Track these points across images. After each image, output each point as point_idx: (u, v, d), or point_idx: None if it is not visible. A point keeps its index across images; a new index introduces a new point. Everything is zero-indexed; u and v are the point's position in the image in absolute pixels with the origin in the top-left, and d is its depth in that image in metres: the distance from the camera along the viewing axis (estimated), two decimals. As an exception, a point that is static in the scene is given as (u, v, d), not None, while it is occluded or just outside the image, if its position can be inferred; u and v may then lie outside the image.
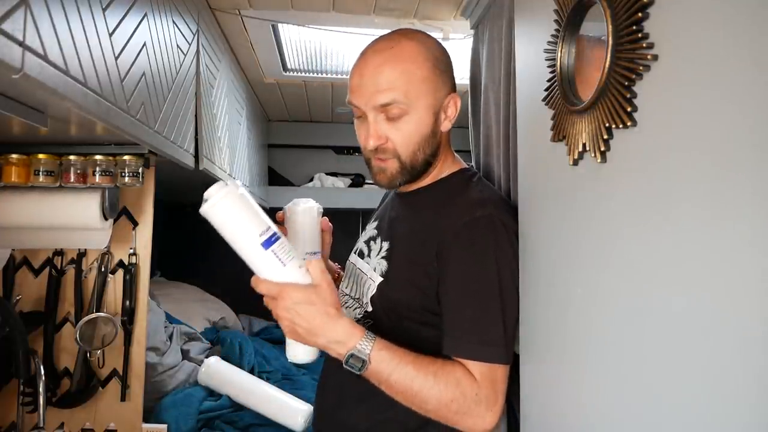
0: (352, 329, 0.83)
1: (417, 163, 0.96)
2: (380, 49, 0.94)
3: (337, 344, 0.83)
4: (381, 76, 0.91)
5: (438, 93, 0.95)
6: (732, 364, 0.45)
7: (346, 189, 2.93)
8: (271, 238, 0.80)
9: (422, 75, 0.93)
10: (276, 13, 1.55)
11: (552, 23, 0.78)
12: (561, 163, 0.75)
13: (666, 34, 0.54)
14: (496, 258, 0.88)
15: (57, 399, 1.30)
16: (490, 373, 0.85)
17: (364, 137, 0.95)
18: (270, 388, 1.87)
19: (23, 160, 1.10)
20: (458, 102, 0.99)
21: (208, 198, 0.79)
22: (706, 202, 0.48)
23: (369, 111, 0.93)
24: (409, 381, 0.82)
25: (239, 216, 0.79)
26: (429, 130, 0.95)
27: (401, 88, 0.91)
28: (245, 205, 0.80)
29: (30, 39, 0.59)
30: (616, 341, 0.62)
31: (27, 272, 1.32)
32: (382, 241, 1.02)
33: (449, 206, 0.95)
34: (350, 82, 0.97)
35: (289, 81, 2.20)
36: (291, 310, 0.82)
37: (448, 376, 0.83)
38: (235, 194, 0.79)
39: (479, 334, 0.86)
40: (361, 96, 0.93)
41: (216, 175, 1.59)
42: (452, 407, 0.83)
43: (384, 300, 0.95)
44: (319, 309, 0.81)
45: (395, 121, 0.92)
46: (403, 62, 0.92)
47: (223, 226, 0.80)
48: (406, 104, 0.91)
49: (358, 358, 0.81)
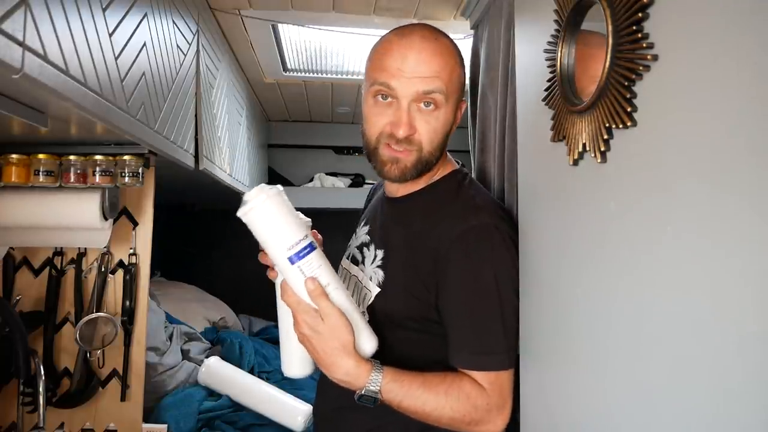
0: (358, 369, 0.82)
1: (432, 160, 0.94)
2: (427, 37, 0.91)
3: (346, 383, 0.83)
4: (429, 64, 0.89)
5: (461, 94, 0.97)
6: (732, 364, 0.45)
7: (346, 189, 2.93)
8: (301, 252, 0.79)
9: (458, 73, 0.95)
10: (276, 13, 1.55)
11: (552, 23, 0.78)
12: (561, 163, 0.75)
13: (666, 34, 0.54)
14: (493, 265, 0.88)
15: (57, 399, 1.30)
16: (498, 381, 0.86)
17: (390, 122, 0.90)
18: (270, 388, 1.87)
19: (23, 160, 1.10)
20: (464, 107, 1.00)
21: (246, 201, 0.79)
22: (705, 202, 0.48)
23: (405, 97, 0.89)
24: (420, 404, 0.84)
25: (272, 225, 0.79)
26: (449, 129, 0.96)
27: (444, 81, 0.90)
28: (280, 214, 0.79)
29: (30, 39, 0.59)
30: (616, 342, 0.62)
31: (27, 272, 1.32)
32: (376, 249, 1.00)
33: (442, 213, 0.94)
34: (384, 62, 0.90)
35: (289, 81, 2.20)
36: (303, 334, 0.83)
37: (459, 392, 0.85)
38: (271, 202, 0.78)
39: (482, 345, 0.87)
40: (401, 79, 0.88)
41: (216, 175, 1.59)
42: (466, 420, 0.85)
43: (382, 310, 0.95)
44: (326, 342, 0.81)
45: (427, 113, 0.90)
46: (449, 56, 0.92)
47: (257, 233, 0.80)
48: (444, 98, 0.90)
49: (369, 397, 0.82)
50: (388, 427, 0.92)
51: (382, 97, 0.91)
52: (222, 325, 2.56)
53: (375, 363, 0.84)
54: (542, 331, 0.82)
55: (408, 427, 0.89)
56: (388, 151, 0.92)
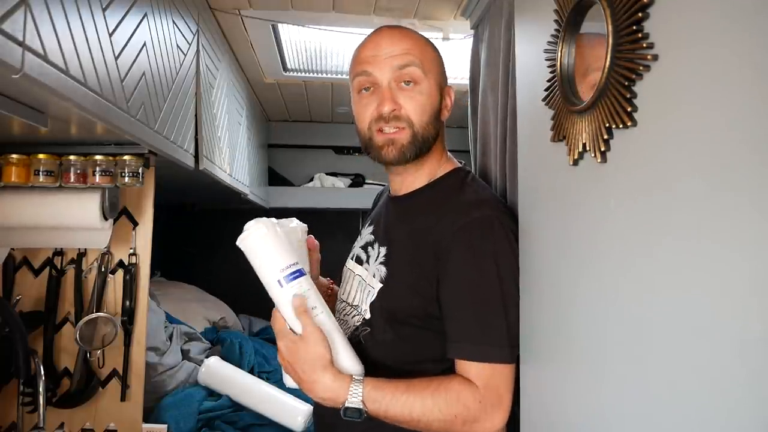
0: (336, 383, 0.84)
1: (427, 137, 0.97)
2: (394, 27, 1.00)
3: (330, 400, 0.85)
4: (399, 44, 0.96)
5: (442, 78, 1.01)
6: (732, 365, 0.45)
7: (346, 189, 2.93)
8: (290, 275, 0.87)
9: (432, 55, 1.00)
10: (276, 13, 1.55)
11: (552, 23, 0.78)
12: (561, 163, 0.75)
13: (666, 34, 0.54)
14: (495, 258, 0.88)
15: (57, 399, 1.30)
16: (493, 375, 0.85)
17: (377, 104, 0.95)
18: (270, 388, 1.87)
19: (23, 160, 1.10)
20: (452, 94, 1.03)
21: (245, 231, 0.89)
22: (706, 202, 0.48)
23: (384, 76, 0.95)
24: (407, 411, 0.83)
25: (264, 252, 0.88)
26: (437, 106, 0.99)
27: (418, 56, 0.96)
28: (272, 242, 0.88)
29: (30, 39, 0.60)
30: (616, 341, 0.62)
31: (27, 272, 1.32)
32: (379, 246, 1.01)
33: (445, 208, 0.94)
34: (362, 55, 0.98)
35: (289, 81, 2.20)
36: (285, 360, 0.87)
37: (447, 393, 0.84)
38: (265, 235, 0.87)
39: (481, 336, 0.86)
40: (377, 62, 0.95)
41: (216, 175, 1.59)
42: (458, 421, 0.83)
43: (384, 306, 0.95)
44: (305, 361, 0.84)
45: (409, 90, 0.95)
46: (419, 39, 1.00)
47: (252, 260, 0.88)
48: (421, 72, 0.95)
49: (353, 410, 0.83)
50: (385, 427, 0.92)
51: (365, 89, 0.98)
52: (222, 325, 2.56)
53: (355, 376, 0.85)
54: (542, 330, 0.82)
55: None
56: (381, 136, 0.96)
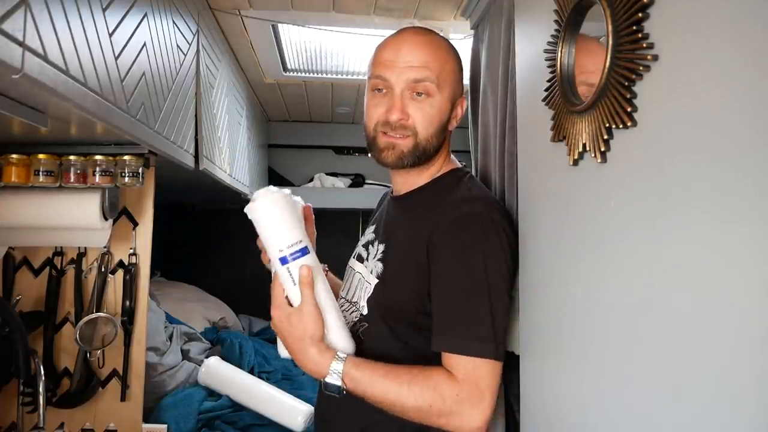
0: (321, 357, 0.87)
1: (429, 148, 0.98)
2: (419, 32, 0.99)
3: (314, 372, 0.88)
4: (419, 54, 0.95)
5: (457, 89, 1.02)
6: (732, 363, 0.45)
7: (346, 189, 2.92)
8: (295, 254, 0.87)
9: (452, 67, 1.00)
10: (276, 13, 1.55)
11: (552, 23, 0.78)
12: (561, 163, 0.75)
13: (666, 34, 0.54)
14: (483, 253, 0.88)
15: (57, 399, 1.30)
16: (475, 370, 0.84)
17: (385, 110, 0.96)
18: (270, 388, 1.87)
19: (23, 160, 1.10)
20: (465, 105, 1.04)
21: (254, 199, 0.87)
22: (706, 202, 0.48)
23: (398, 85, 0.95)
24: (383, 393, 0.85)
25: (272, 224, 0.87)
26: (445, 119, 1.00)
27: (435, 71, 0.95)
28: (282, 215, 0.86)
29: (30, 39, 0.59)
30: (616, 341, 0.62)
31: (27, 272, 1.32)
32: (378, 243, 1.02)
33: (439, 205, 0.95)
34: (380, 56, 0.99)
35: (289, 81, 2.20)
36: (278, 327, 0.90)
37: (424, 382, 0.84)
38: (274, 203, 0.86)
39: (465, 329, 0.86)
40: (394, 69, 0.95)
41: (216, 175, 1.59)
42: (432, 411, 0.83)
43: (379, 301, 0.96)
44: (296, 330, 0.87)
45: (420, 101, 0.96)
46: (440, 50, 0.99)
47: (259, 229, 0.88)
48: (435, 87, 0.95)
49: (333, 385, 0.86)
50: (384, 425, 0.92)
51: (378, 90, 0.98)
52: (222, 325, 2.56)
53: (339, 353, 0.87)
54: (542, 330, 0.82)
55: (403, 426, 0.89)
56: (385, 138, 0.97)
